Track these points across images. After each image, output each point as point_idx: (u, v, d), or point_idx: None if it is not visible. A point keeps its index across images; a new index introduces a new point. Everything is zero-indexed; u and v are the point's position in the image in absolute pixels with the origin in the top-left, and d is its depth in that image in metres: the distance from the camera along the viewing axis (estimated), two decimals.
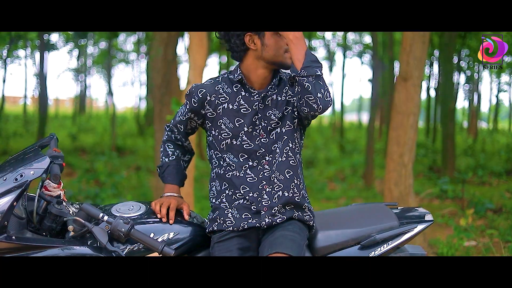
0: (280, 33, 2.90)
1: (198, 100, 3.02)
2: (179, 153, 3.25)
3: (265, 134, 2.98)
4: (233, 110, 2.99)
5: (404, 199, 6.87)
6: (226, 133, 2.99)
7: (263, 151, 2.98)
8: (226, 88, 3.03)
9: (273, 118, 2.98)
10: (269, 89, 3.02)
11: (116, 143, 18.60)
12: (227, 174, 3.02)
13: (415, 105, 6.82)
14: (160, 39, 8.53)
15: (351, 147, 20.45)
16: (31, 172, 2.73)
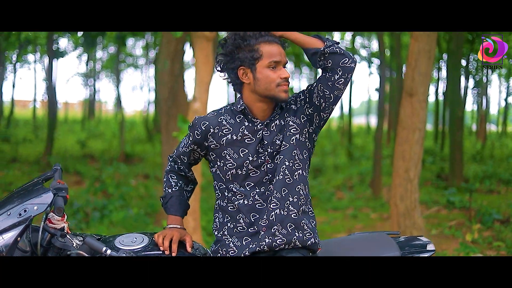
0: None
1: (201, 132, 3.03)
2: (182, 183, 3.25)
3: (270, 160, 2.98)
4: (237, 140, 2.99)
5: (410, 214, 6.88)
6: (231, 164, 2.99)
7: (270, 177, 2.98)
8: (229, 119, 3.03)
9: (277, 143, 2.99)
10: (272, 117, 3.02)
11: (125, 150, 18.63)
12: (231, 206, 3.02)
13: (421, 121, 6.83)
14: (167, 52, 8.56)
15: (359, 154, 20.43)
16: (35, 208, 2.76)
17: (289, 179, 2.98)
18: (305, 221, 3.03)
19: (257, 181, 2.99)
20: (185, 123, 6.08)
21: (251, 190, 2.99)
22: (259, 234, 2.97)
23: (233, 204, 3.02)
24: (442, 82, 26.06)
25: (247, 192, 2.99)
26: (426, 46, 6.74)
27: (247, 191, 2.99)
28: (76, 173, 14.98)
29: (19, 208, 2.75)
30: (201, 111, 6.33)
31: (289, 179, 2.98)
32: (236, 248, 2.99)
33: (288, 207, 2.97)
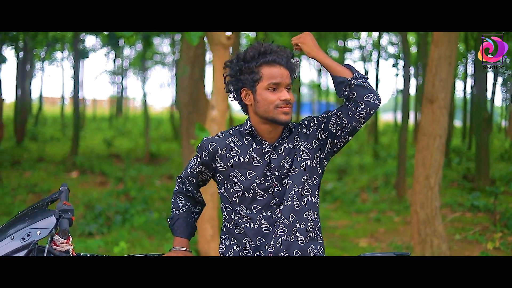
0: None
1: (209, 154, 3.01)
2: (189, 205, 3.23)
3: (278, 184, 2.93)
4: (245, 162, 2.96)
5: (431, 221, 6.81)
6: (238, 186, 2.96)
7: (277, 201, 2.94)
8: (237, 141, 3.00)
9: (285, 167, 2.94)
10: (281, 139, 2.99)
11: (150, 149, 18.68)
12: (237, 229, 2.99)
13: (441, 127, 6.75)
14: (187, 58, 8.56)
15: (385, 153, 20.28)
16: (38, 232, 2.76)
17: (297, 205, 2.94)
18: (312, 248, 2.99)
19: (264, 204, 2.95)
20: (202, 132, 6.04)
21: (258, 214, 2.95)
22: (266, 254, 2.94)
23: (240, 227, 2.98)
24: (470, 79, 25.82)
25: (254, 215, 2.95)
26: (446, 51, 6.66)
27: (254, 215, 2.96)
28: (101, 173, 15.08)
29: (23, 233, 2.76)
30: (218, 119, 6.31)
31: (297, 205, 2.94)
32: None
33: (295, 234, 2.94)
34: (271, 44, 2.95)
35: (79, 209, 10.20)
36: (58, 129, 28.70)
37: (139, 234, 8.62)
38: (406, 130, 13.17)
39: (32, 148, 19.47)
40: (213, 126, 6.27)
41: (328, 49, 34.52)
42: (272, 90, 2.87)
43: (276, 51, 2.90)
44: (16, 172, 14.57)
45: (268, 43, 2.95)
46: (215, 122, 6.31)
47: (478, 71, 14.56)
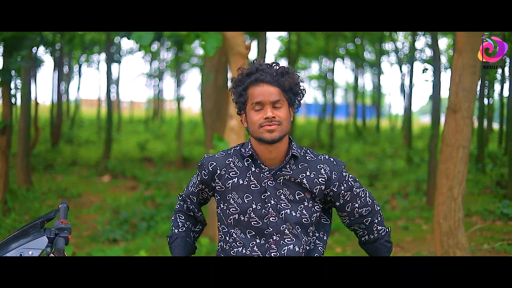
0: None
1: (208, 173, 2.97)
2: (189, 224, 3.20)
3: (274, 213, 2.87)
4: (243, 185, 2.90)
5: (454, 233, 6.68)
6: (234, 208, 2.91)
7: (271, 230, 2.87)
8: (237, 162, 2.95)
9: (283, 199, 2.88)
10: (283, 168, 2.89)
11: (182, 154, 18.74)
12: (232, 251, 2.95)
13: (465, 138, 6.62)
14: (210, 65, 8.56)
15: (418, 159, 20.05)
16: (30, 252, 2.79)
17: (299, 248, 2.90)
18: None
19: (258, 231, 2.90)
20: (220, 142, 6.04)
21: (251, 240, 2.91)
22: None
23: (234, 251, 2.95)
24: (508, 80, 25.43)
25: (247, 241, 2.91)
26: (470, 60, 6.52)
27: (247, 240, 2.91)
28: (132, 177, 15.17)
29: (15, 252, 2.79)
30: (237, 129, 6.29)
31: (298, 248, 2.90)
32: None
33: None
34: (262, 63, 2.88)
35: (106, 215, 10.26)
36: (94, 132, 28.98)
37: (162, 242, 8.63)
38: (436, 137, 12.96)
39: (66, 151, 19.68)
40: (232, 136, 6.26)
41: (365, 51, 34.44)
42: (256, 110, 2.80)
43: (262, 69, 2.82)
44: (48, 176, 14.73)
45: (260, 63, 2.88)
46: (234, 132, 6.29)
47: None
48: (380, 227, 3.06)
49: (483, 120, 17.70)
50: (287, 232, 2.87)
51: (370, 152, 23.74)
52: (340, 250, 8.80)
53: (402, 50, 30.89)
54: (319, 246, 3.00)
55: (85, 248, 8.24)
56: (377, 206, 3.07)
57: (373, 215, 3.03)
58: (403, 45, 30.74)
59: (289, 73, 2.84)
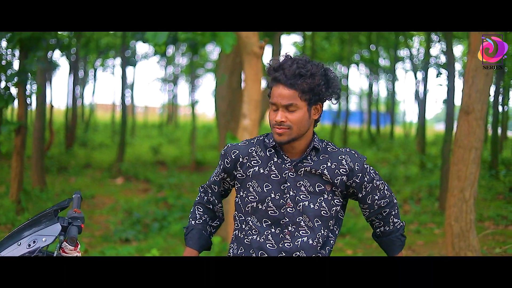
0: None
1: (231, 161, 2.99)
2: (207, 217, 3.20)
3: (292, 204, 2.89)
4: (263, 174, 2.92)
5: (465, 235, 6.68)
6: (253, 197, 2.93)
7: (287, 221, 2.89)
8: (259, 151, 2.97)
9: (302, 190, 2.89)
10: (304, 159, 2.91)
11: (196, 157, 18.79)
12: (246, 239, 2.98)
13: (477, 139, 6.62)
14: (225, 66, 8.61)
15: (432, 165, 20.00)
16: (43, 239, 2.81)
17: (313, 241, 2.92)
18: None
19: (274, 221, 2.92)
20: (233, 140, 6.06)
21: (267, 229, 2.93)
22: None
23: (248, 238, 2.97)
24: None
25: (262, 229, 2.93)
26: None
27: (262, 229, 2.93)
28: (145, 180, 15.22)
29: (29, 239, 2.82)
30: (250, 128, 6.31)
31: (313, 241, 2.92)
32: None
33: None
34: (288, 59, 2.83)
35: (119, 215, 10.31)
36: (108, 136, 29.11)
37: (174, 242, 8.67)
38: (449, 142, 12.94)
39: (80, 154, 19.76)
40: (245, 135, 6.29)
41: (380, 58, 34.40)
42: (272, 109, 2.83)
43: (282, 68, 2.78)
44: (62, 178, 14.81)
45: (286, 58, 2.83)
46: (247, 131, 6.32)
47: None
48: (396, 220, 3.10)
49: (497, 127, 17.62)
50: (303, 224, 2.89)
51: (383, 158, 23.69)
52: (351, 252, 8.81)
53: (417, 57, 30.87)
54: (331, 239, 3.02)
55: (97, 247, 8.28)
56: (395, 199, 3.12)
57: (391, 207, 3.07)
58: (418, 52, 30.71)
59: (311, 74, 2.76)
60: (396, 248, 3.11)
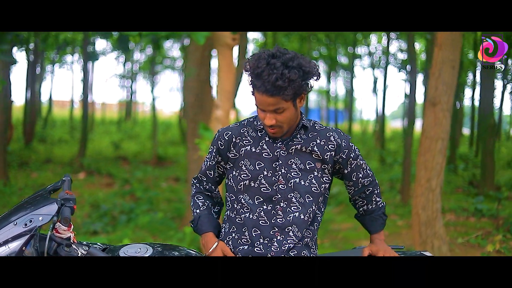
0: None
1: (225, 142, 3.07)
2: (209, 203, 3.26)
3: (283, 181, 2.98)
4: (255, 153, 3.01)
5: (432, 223, 6.86)
6: (245, 175, 3.01)
7: (279, 197, 2.98)
8: (251, 132, 3.06)
9: (294, 168, 2.99)
10: (294, 137, 3.02)
11: (157, 152, 18.79)
12: (238, 217, 3.05)
13: (444, 130, 6.80)
14: (194, 59, 8.65)
15: (391, 159, 20.31)
16: (40, 218, 2.85)
17: (305, 216, 3.01)
18: (305, 253, 3.07)
19: (267, 198, 3.00)
20: (206, 131, 6.14)
21: (259, 206, 3.00)
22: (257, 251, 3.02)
23: (240, 217, 3.05)
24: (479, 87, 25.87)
25: (254, 207, 3.01)
26: (450, 55, 6.71)
27: (255, 206, 3.01)
28: (108, 175, 15.17)
29: (25, 219, 2.85)
30: (223, 119, 6.38)
31: (304, 216, 3.01)
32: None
33: (288, 234, 3.01)
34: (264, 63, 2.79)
35: (85, 208, 10.30)
36: (67, 132, 28.86)
37: (143, 233, 8.70)
38: (411, 136, 13.19)
39: (40, 149, 19.58)
40: (217, 125, 6.35)
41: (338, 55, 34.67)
42: (260, 108, 2.88)
43: (262, 77, 2.76)
44: (24, 173, 14.68)
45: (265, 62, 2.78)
46: (219, 121, 6.39)
47: (485, 78, 14.60)
48: (379, 199, 3.25)
49: (455, 123, 18.00)
50: (294, 200, 2.98)
51: None
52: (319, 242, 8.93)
53: (375, 54, 31.21)
54: (319, 216, 3.13)
55: None
56: (376, 179, 3.26)
57: (374, 186, 3.22)
58: (376, 49, 31.05)
59: (289, 81, 2.76)
60: (378, 226, 3.25)
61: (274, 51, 2.82)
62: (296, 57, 2.82)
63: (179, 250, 3.36)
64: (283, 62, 2.76)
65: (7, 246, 2.78)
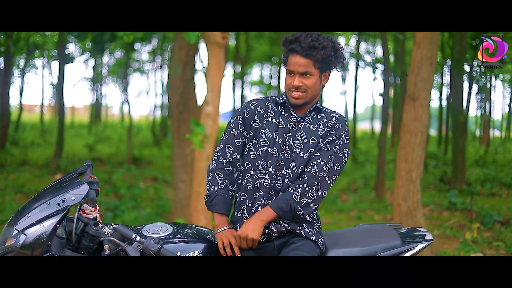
0: None
1: (250, 111, 3.39)
2: (227, 183, 3.40)
3: (289, 151, 3.28)
4: (275, 124, 3.34)
5: (412, 214, 7.13)
6: (264, 142, 3.32)
7: (282, 164, 3.28)
8: (273, 106, 3.40)
9: (298, 140, 3.30)
10: (306, 116, 3.36)
11: (133, 154, 18.93)
12: (250, 185, 3.33)
13: (423, 124, 7.09)
14: (179, 58, 8.84)
15: (363, 158, 20.69)
16: (72, 198, 3.06)
17: (290, 178, 3.29)
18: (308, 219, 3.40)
19: (274, 162, 3.29)
20: (197, 126, 6.33)
21: (269, 168, 3.29)
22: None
23: (254, 183, 3.33)
24: (446, 88, 26.33)
25: (269, 172, 3.29)
26: (428, 53, 7.02)
27: (270, 172, 3.29)
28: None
29: (58, 199, 3.06)
30: (213, 114, 6.60)
31: (289, 176, 3.30)
32: None
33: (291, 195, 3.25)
34: (306, 32, 3.23)
35: None
36: (38, 135, 28.75)
37: None
38: (385, 133, 13.54)
39: (14, 152, 19.52)
40: (208, 121, 6.57)
41: None
42: (289, 75, 3.27)
43: (299, 40, 3.18)
44: (1, 175, 14.69)
45: (303, 32, 3.24)
46: (210, 117, 6.60)
47: (455, 78, 14.97)
48: (305, 192, 3.26)
49: None
50: (295, 170, 3.27)
51: None
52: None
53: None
54: None
55: None
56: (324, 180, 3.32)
57: (313, 179, 3.27)
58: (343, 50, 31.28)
59: (323, 46, 3.18)
60: (273, 203, 3.26)
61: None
62: (326, 35, 3.27)
63: (191, 228, 3.61)
64: (318, 34, 3.23)
65: (41, 224, 2.98)
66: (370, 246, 3.46)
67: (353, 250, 3.44)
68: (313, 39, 3.18)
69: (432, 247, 7.40)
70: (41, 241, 2.96)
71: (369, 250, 3.44)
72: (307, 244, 3.28)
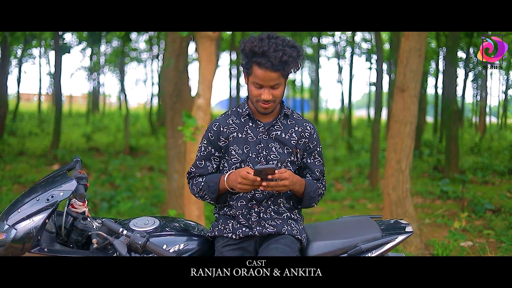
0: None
1: (214, 133, 3.39)
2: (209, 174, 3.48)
3: (264, 162, 3.32)
4: (242, 138, 3.35)
5: (402, 203, 7.23)
6: (236, 158, 3.34)
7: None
8: (235, 120, 3.40)
9: (273, 151, 3.33)
10: (274, 123, 3.37)
11: (130, 143, 19.01)
12: (234, 195, 3.38)
13: (412, 115, 7.19)
14: (172, 49, 8.91)
15: (359, 146, 20.77)
16: (61, 194, 3.15)
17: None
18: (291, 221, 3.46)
19: None
20: (189, 118, 6.41)
21: None
22: (251, 226, 3.35)
23: (233, 195, 3.39)
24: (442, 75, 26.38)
25: None
26: (417, 44, 7.11)
27: None
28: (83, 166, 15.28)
29: (47, 195, 3.14)
30: (204, 107, 6.67)
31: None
32: (232, 228, 3.37)
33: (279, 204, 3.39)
34: (268, 43, 3.11)
35: None
36: (36, 125, 28.81)
37: None
38: (379, 122, 13.61)
39: (12, 142, 19.57)
40: (199, 113, 6.65)
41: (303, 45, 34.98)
42: (256, 86, 3.21)
43: (267, 54, 3.08)
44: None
45: (268, 42, 3.11)
46: (201, 109, 6.68)
47: (449, 66, 15.02)
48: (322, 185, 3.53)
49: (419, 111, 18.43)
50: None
51: None
52: None
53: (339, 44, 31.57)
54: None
55: None
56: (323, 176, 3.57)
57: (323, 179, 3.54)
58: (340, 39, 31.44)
59: (292, 59, 3.14)
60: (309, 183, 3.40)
61: (268, 34, 3.17)
62: (287, 39, 3.20)
63: (178, 221, 3.70)
64: (282, 42, 3.14)
65: (31, 219, 3.06)
66: (351, 238, 3.52)
67: (334, 242, 3.51)
68: (283, 52, 3.09)
69: (422, 235, 7.50)
70: (31, 235, 3.02)
71: (350, 242, 3.50)
72: (288, 238, 3.35)
